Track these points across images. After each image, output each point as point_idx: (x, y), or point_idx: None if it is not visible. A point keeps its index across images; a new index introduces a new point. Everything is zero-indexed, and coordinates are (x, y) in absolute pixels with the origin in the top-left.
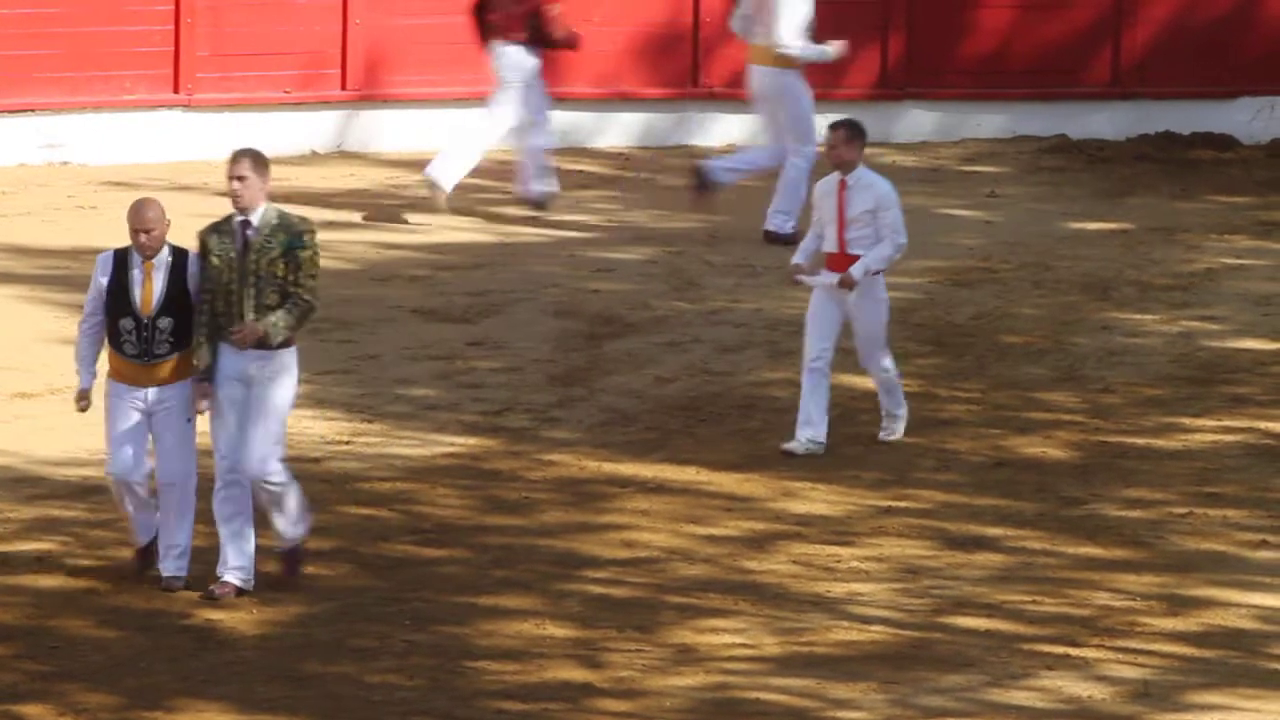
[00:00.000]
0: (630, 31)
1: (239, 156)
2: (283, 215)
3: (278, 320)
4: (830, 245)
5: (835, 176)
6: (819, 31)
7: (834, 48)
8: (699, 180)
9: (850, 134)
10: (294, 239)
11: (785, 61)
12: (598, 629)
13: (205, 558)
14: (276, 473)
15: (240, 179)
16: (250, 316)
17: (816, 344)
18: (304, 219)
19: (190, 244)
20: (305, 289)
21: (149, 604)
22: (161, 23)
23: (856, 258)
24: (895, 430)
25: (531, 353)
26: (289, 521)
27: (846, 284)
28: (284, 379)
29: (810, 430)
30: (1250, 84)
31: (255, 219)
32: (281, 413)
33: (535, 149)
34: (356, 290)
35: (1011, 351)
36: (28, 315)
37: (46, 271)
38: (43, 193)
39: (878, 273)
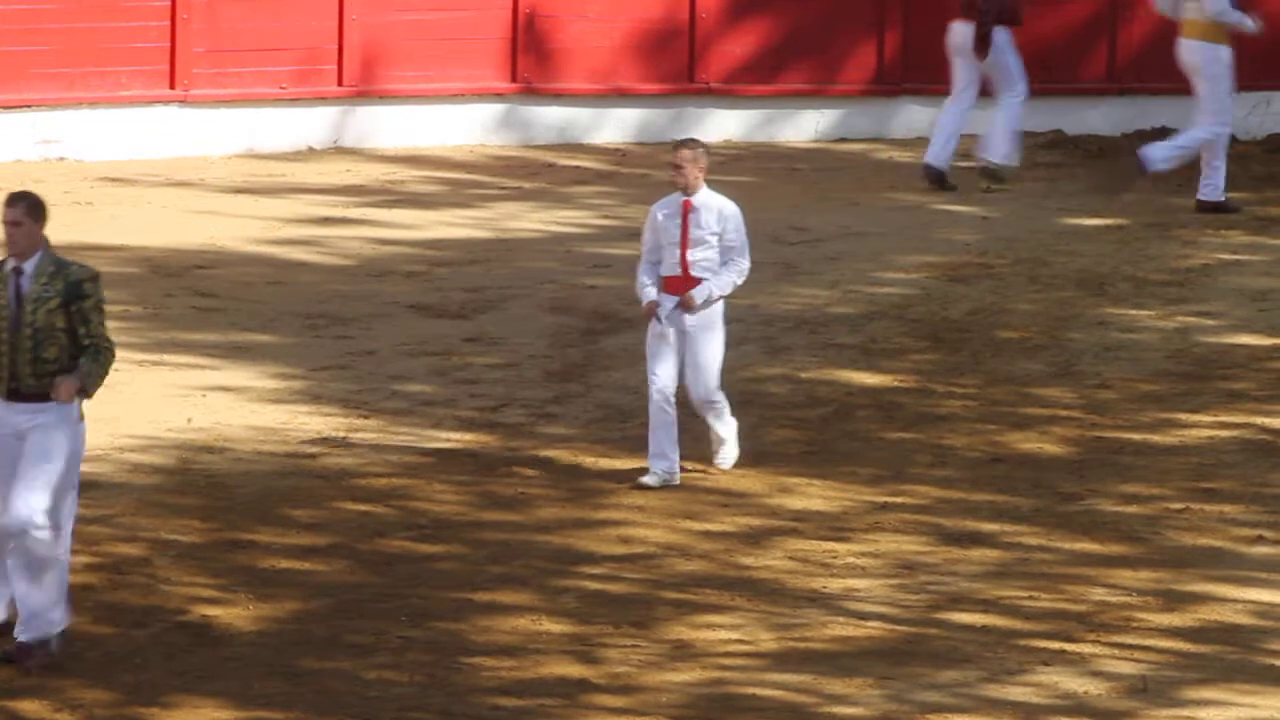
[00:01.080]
0: (626, 27)
1: (15, 200)
2: (60, 263)
3: (90, 369)
4: (671, 268)
5: (678, 197)
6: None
7: (1254, 22)
8: (1141, 168)
9: (696, 153)
10: (73, 288)
11: (1215, 36)
12: (594, 625)
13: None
14: (40, 528)
15: (15, 224)
16: (26, 370)
17: (661, 376)
18: (84, 266)
19: (184, 239)
20: (100, 337)
21: (145, 600)
22: (158, 18)
23: (699, 280)
24: (729, 456)
25: (528, 348)
26: (46, 600)
27: (686, 305)
28: (59, 430)
29: (665, 463)
30: (1246, 80)
31: (29, 267)
32: (55, 462)
33: (1006, 121)
34: (352, 286)
35: (1007, 347)
36: None
37: None
38: (39, 189)
39: (719, 299)
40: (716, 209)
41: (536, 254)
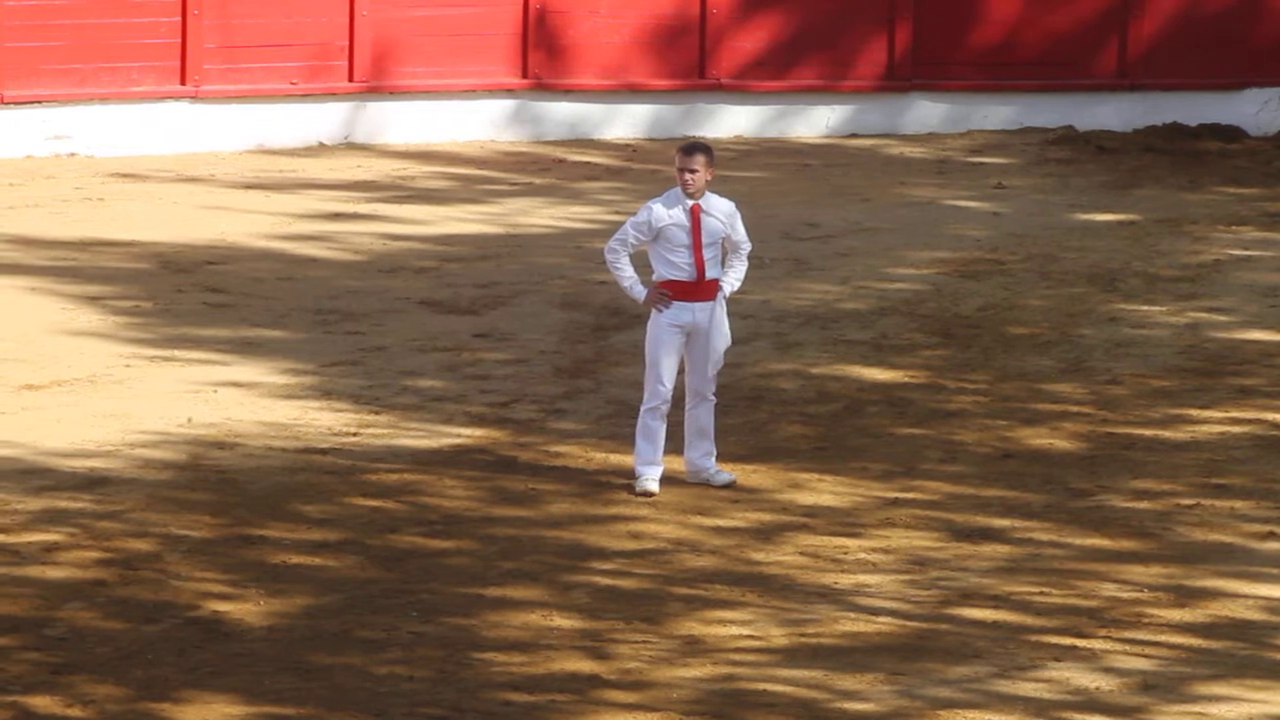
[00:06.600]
0: (637, 23)
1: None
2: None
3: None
4: (681, 271)
5: (682, 199)
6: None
7: None
8: None
9: (709, 158)
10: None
11: None
12: (605, 620)
13: None
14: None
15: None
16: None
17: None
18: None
19: (195, 235)
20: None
21: (156, 595)
22: (168, 14)
23: (713, 283)
24: (721, 472)
25: (538, 344)
26: None
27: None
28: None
29: (659, 469)
30: (1258, 75)
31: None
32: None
33: None
34: (363, 282)
35: (1018, 343)
36: (35, 307)
37: (54, 263)
38: (50, 184)
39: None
40: (720, 211)
41: (547, 250)
